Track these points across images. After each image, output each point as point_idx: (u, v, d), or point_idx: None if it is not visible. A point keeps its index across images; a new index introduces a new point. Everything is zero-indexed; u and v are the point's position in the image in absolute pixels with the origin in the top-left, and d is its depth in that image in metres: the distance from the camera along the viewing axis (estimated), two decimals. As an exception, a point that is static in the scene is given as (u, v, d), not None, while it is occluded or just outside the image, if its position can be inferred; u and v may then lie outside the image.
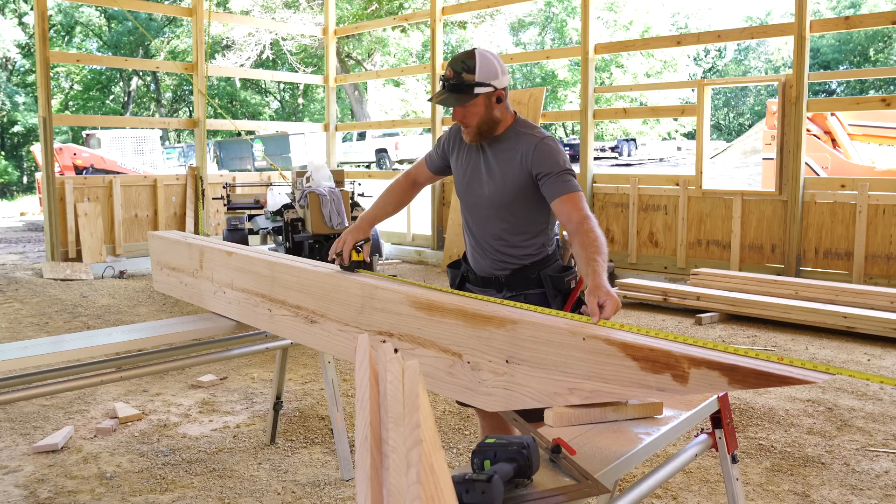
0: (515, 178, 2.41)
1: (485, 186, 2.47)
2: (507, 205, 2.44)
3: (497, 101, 2.38)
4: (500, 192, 2.44)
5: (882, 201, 6.73)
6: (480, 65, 2.33)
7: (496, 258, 2.50)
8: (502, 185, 2.43)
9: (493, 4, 11.25)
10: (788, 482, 3.18)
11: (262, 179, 11.67)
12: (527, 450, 1.44)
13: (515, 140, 2.42)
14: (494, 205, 2.46)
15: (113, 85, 36.57)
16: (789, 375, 1.40)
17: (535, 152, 2.37)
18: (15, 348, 2.77)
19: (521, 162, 2.39)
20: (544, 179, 2.35)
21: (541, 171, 2.36)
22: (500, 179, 2.43)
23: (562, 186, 2.33)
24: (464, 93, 2.34)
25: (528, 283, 2.47)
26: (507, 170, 2.42)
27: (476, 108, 2.36)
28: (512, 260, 2.48)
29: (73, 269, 8.92)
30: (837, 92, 34.13)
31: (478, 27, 26.33)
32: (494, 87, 2.35)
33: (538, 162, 2.36)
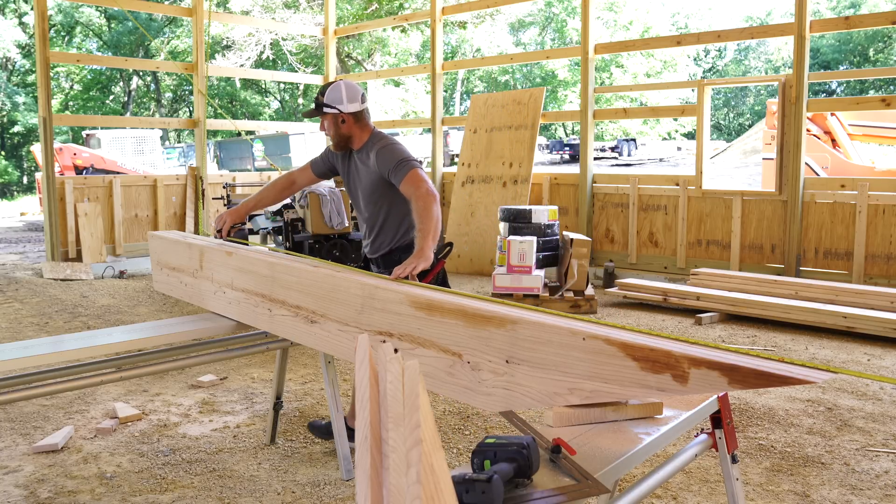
0: (372, 180, 3.15)
1: (358, 187, 3.26)
2: (372, 201, 3.20)
3: (342, 122, 3.15)
4: (365, 191, 3.21)
5: (882, 201, 6.73)
6: (330, 92, 3.15)
7: (373, 243, 3.28)
8: (365, 186, 3.20)
9: (493, 4, 11.25)
10: (788, 482, 3.19)
11: (262, 179, 11.67)
12: (527, 450, 1.44)
13: (367, 151, 3.16)
14: (365, 200, 3.24)
15: (113, 85, 36.59)
16: (789, 375, 1.40)
17: (378, 157, 3.08)
18: (15, 348, 2.77)
19: (373, 167, 3.12)
20: (390, 175, 3.04)
21: (386, 169, 3.05)
22: (363, 182, 3.21)
23: (399, 173, 3.00)
24: (317, 109, 3.19)
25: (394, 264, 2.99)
26: (365, 174, 3.18)
27: (326, 123, 3.18)
28: (383, 245, 3.25)
29: (73, 269, 8.92)
30: (837, 92, 34.13)
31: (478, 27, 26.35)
32: (339, 111, 3.13)
33: (382, 163, 3.06)
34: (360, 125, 3.17)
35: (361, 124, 3.17)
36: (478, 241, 9.08)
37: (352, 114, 3.14)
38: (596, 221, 8.68)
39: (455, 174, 9.73)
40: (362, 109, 3.17)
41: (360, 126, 3.17)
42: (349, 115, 3.14)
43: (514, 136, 9.15)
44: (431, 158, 10.33)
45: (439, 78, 10.35)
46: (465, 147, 9.63)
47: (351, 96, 3.13)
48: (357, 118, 3.15)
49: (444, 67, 10.64)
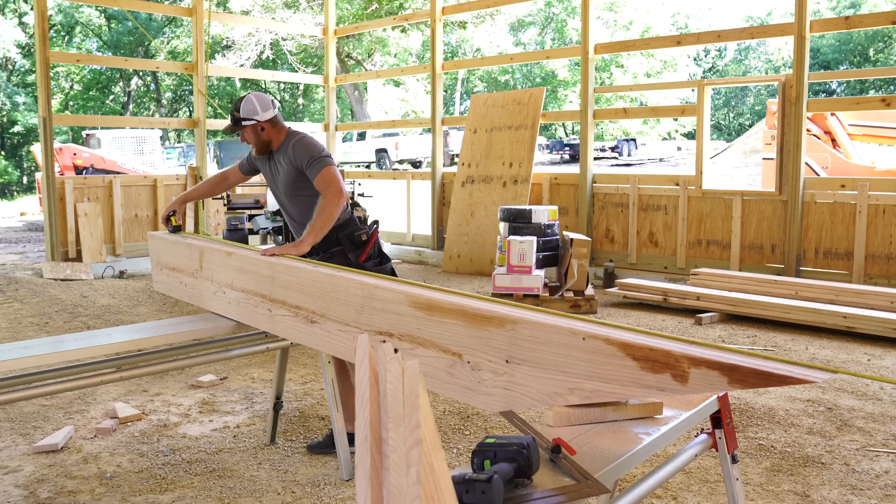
0: (292, 176, 3.37)
1: (279, 185, 3.47)
2: (295, 195, 3.42)
3: (261, 130, 3.40)
4: (285, 187, 3.43)
5: (882, 201, 6.73)
6: (244, 106, 3.37)
7: (302, 231, 3.35)
8: (284, 182, 3.42)
9: (493, 4, 11.25)
10: (788, 482, 3.19)
11: (262, 179, 11.66)
12: (527, 450, 1.44)
13: (285, 150, 3.39)
14: (286, 196, 3.46)
15: (113, 85, 36.59)
16: (789, 375, 1.40)
17: (294, 151, 3.33)
18: (15, 348, 2.77)
19: (290, 163, 3.35)
20: (305, 168, 3.29)
21: (301, 162, 3.30)
22: (283, 179, 3.42)
23: (314, 168, 3.27)
24: (236, 125, 3.42)
25: (331, 244, 3.32)
26: (285, 171, 3.39)
27: (247, 134, 3.42)
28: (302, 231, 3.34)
29: (73, 269, 8.92)
30: (837, 92, 34.13)
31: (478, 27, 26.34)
32: (257, 121, 3.38)
33: (298, 157, 3.31)
34: (277, 128, 3.43)
35: (278, 127, 3.44)
36: (478, 241, 9.08)
37: (268, 121, 3.41)
38: (596, 221, 8.68)
39: (455, 174, 9.73)
40: (275, 114, 3.46)
41: (276, 129, 3.43)
42: (266, 123, 3.41)
43: (514, 136, 9.15)
44: (431, 158, 10.33)
45: (439, 78, 10.35)
46: (465, 147, 9.63)
47: (263, 105, 3.40)
48: (273, 123, 3.42)
49: (444, 67, 10.64)
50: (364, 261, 3.36)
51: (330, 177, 3.24)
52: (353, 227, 3.42)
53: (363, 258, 3.37)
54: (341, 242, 3.35)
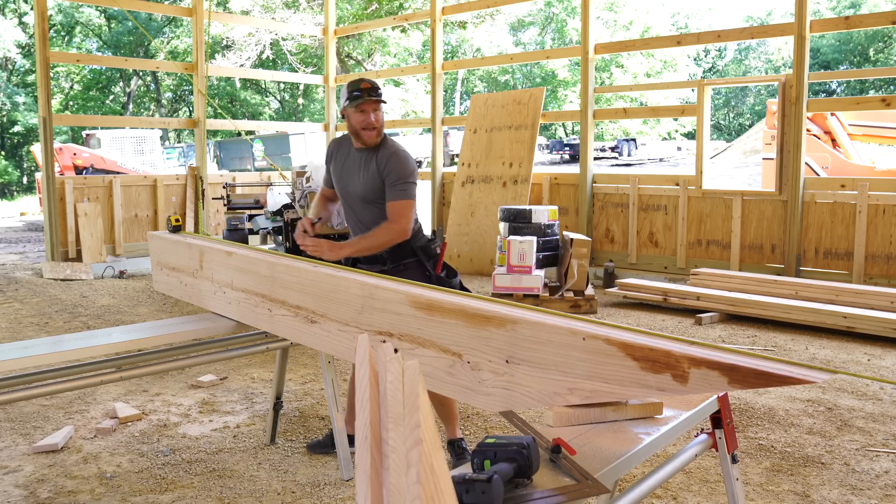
0: (374, 183, 3.16)
1: (358, 182, 3.21)
2: (369, 201, 3.20)
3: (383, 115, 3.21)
4: (364, 189, 3.19)
5: (882, 201, 6.73)
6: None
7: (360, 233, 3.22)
8: (366, 185, 3.18)
9: (493, 4, 11.25)
10: (788, 482, 3.19)
11: (262, 179, 11.67)
12: (527, 450, 1.44)
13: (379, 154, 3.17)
14: (361, 197, 3.22)
15: (113, 85, 36.59)
16: (789, 375, 1.40)
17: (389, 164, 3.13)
18: (15, 348, 2.77)
19: (379, 171, 3.14)
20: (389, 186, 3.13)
21: (389, 179, 3.13)
22: (365, 180, 3.18)
23: (395, 192, 3.13)
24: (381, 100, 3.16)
25: (405, 255, 3.19)
26: (370, 175, 3.17)
27: (376, 110, 3.15)
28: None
29: (73, 269, 8.92)
30: (837, 92, 34.13)
31: (478, 27, 26.35)
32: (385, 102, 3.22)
33: (389, 171, 3.13)
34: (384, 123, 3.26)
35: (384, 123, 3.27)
36: (478, 241, 9.08)
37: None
38: (596, 221, 8.68)
39: (455, 174, 9.73)
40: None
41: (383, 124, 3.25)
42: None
43: (514, 136, 9.15)
44: (431, 158, 10.33)
45: (439, 78, 10.35)
46: (465, 147, 9.63)
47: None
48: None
49: (444, 67, 10.64)
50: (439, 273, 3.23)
51: (404, 211, 3.10)
52: (424, 238, 3.28)
53: (439, 269, 3.22)
54: (416, 254, 3.21)
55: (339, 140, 3.36)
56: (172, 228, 3.62)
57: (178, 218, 3.66)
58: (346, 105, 3.15)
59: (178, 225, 3.64)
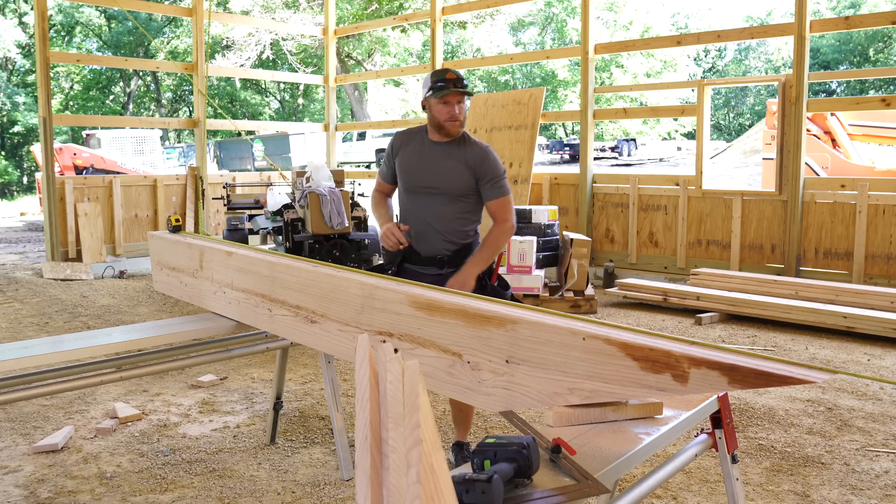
0: (463, 178, 2.99)
1: (436, 177, 3.01)
2: (452, 197, 3.02)
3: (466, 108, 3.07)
4: (447, 184, 3.00)
5: (882, 201, 6.73)
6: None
7: (446, 238, 3.03)
8: (450, 180, 3.00)
9: (493, 4, 11.25)
10: (788, 482, 3.18)
11: (262, 179, 11.67)
12: (527, 450, 1.44)
13: (466, 147, 3.01)
14: (441, 194, 3.01)
15: (113, 85, 36.59)
16: (789, 375, 1.40)
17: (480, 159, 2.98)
18: (15, 348, 2.77)
19: (468, 165, 2.98)
20: (485, 183, 2.99)
21: (484, 175, 2.99)
22: (450, 176, 3.00)
23: (495, 190, 2.99)
24: (467, 90, 2.97)
25: (464, 261, 3.00)
26: (458, 170, 3.00)
27: (459, 103, 2.98)
28: (458, 240, 3.05)
29: (73, 269, 8.92)
30: (837, 92, 34.13)
31: (478, 27, 26.33)
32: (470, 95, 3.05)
33: (482, 168, 2.99)
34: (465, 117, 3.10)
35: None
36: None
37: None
38: (596, 221, 8.68)
39: (455, 174, 9.72)
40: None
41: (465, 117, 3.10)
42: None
43: (514, 136, 9.15)
44: (431, 158, 10.32)
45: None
46: (465, 147, 9.63)
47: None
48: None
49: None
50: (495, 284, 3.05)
51: (510, 206, 2.98)
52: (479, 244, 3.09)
53: (494, 279, 3.06)
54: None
55: (408, 133, 3.16)
56: (172, 228, 3.62)
57: (178, 218, 3.65)
58: (429, 95, 2.97)
59: (178, 225, 3.63)
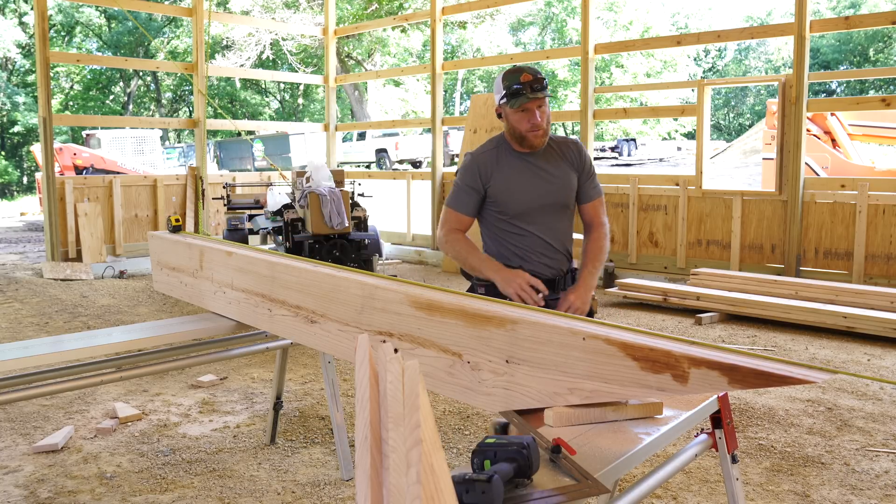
0: (571, 183, 2.64)
1: (536, 191, 2.60)
2: (564, 207, 2.66)
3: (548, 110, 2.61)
4: (557, 194, 2.63)
5: (882, 201, 6.73)
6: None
7: (566, 256, 2.68)
8: (557, 189, 2.62)
9: (493, 4, 11.25)
10: (788, 482, 3.18)
11: (262, 179, 11.67)
12: (527, 450, 1.44)
13: (563, 150, 2.65)
14: (548, 208, 2.62)
15: (113, 85, 36.59)
16: (789, 375, 1.40)
17: (584, 157, 2.65)
18: (15, 348, 2.77)
19: (573, 166, 2.64)
20: (584, 184, 2.66)
21: (584, 175, 2.65)
22: (558, 184, 2.62)
23: (594, 190, 2.67)
24: (547, 92, 2.53)
25: (567, 283, 2.67)
26: (564, 176, 2.63)
27: (540, 107, 2.54)
28: (570, 256, 2.69)
29: (73, 269, 8.92)
30: (837, 92, 34.12)
31: (478, 27, 26.33)
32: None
33: (585, 166, 2.65)
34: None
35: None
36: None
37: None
38: (596, 221, 8.67)
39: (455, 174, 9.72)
40: None
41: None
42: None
43: (514, 136, 9.14)
44: (431, 158, 10.33)
45: (439, 78, 10.35)
46: (465, 147, 9.63)
47: None
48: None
49: (444, 67, 10.64)
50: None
51: (603, 207, 2.67)
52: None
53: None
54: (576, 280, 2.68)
55: (488, 154, 2.66)
56: (172, 228, 3.61)
57: (178, 218, 3.64)
58: (503, 104, 2.56)
59: (178, 225, 3.62)
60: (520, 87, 2.50)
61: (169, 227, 3.63)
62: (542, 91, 2.50)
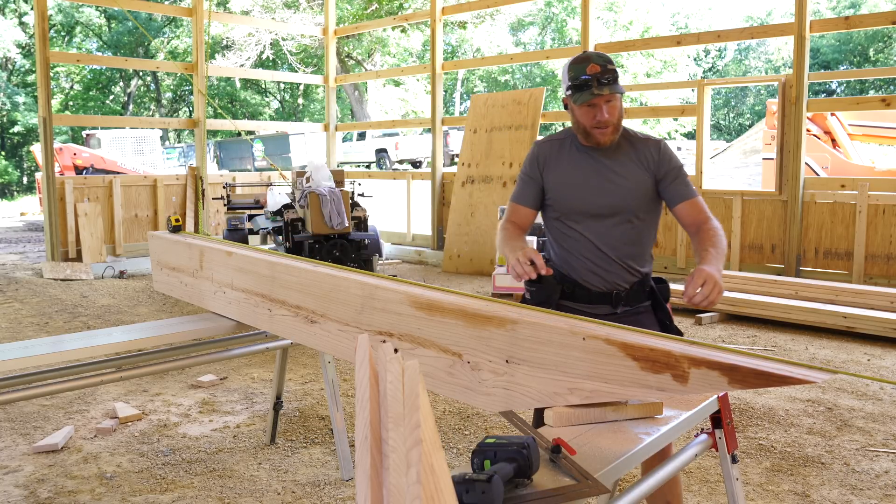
0: (645, 185, 2.33)
1: (601, 192, 2.33)
2: (638, 211, 2.35)
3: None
4: (625, 197, 2.33)
5: (882, 201, 6.73)
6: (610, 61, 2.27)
7: (625, 269, 2.35)
8: (627, 192, 2.33)
9: (493, 4, 11.26)
10: (788, 482, 3.18)
11: (262, 179, 11.67)
12: (527, 450, 1.44)
13: (635, 146, 2.36)
14: (615, 210, 2.33)
15: (113, 85, 36.58)
16: (789, 375, 1.40)
17: (660, 156, 2.34)
18: (15, 348, 2.77)
19: (647, 167, 2.34)
20: (668, 183, 2.33)
21: (664, 173, 2.33)
22: (622, 186, 2.32)
23: (683, 188, 2.32)
24: (617, 84, 2.26)
25: (642, 296, 2.39)
26: (636, 177, 2.33)
27: (618, 101, 2.28)
28: (637, 268, 2.38)
29: (73, 269, 8.92)
30: (837, 92, 34.12)
31: (478, 27, 26.34)
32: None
33: (662, 164, 2.33)
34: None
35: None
36: (478, 241, 9.08)
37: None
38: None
39: (455, 174, 9.73)
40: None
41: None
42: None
43: (514, 136, 9.15)
44: (431, 158, 10.33)
45: (439, 78, 10.35)
46: (465, 147, 9.63)
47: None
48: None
49: (444, 67, 10.64)
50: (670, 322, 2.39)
51: (704, 206, 2.33)
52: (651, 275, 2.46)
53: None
54: (654, 296, 2.42)
55: (552, 142, 2.45)
56: (172, 228, 3.61)
57: (178, 218, 3.64)
58: (568, 95, 2.31)
59: (178, 225, 3.61)
60: (587, 80, 2.24)
61: (169, 227, 3.63)
62: (612, 85, 2.24)
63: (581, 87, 2.24)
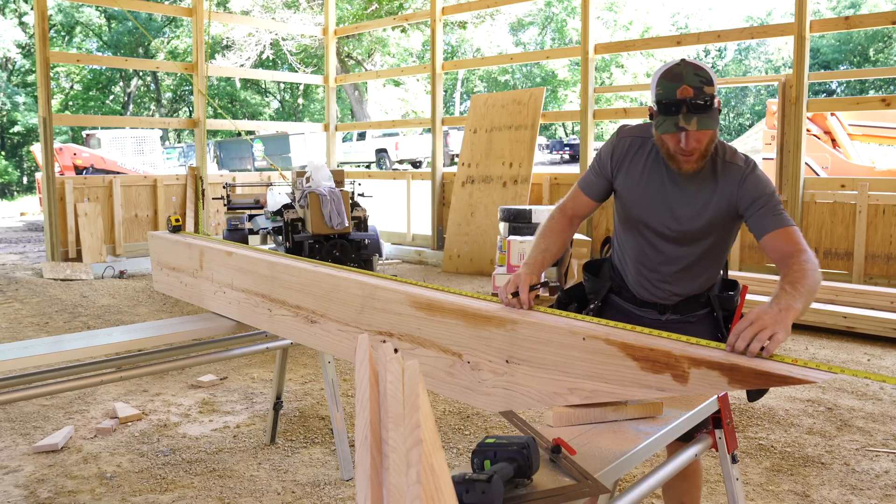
0: (718, 210, 2.11)
1: (674, 218, 2.13)
2: (700, 234, 2.15)
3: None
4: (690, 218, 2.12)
5: (882, 201, 6.73)
6: (711, 74, 1.95)
7: (676, 288, 2.22)
8: (693, 213, 2.11)
9: (493, 4, 11.25)
10: (788, 482, 3.18)
11: (262, 179, 11.68)
12: (527, 450, 1.44)
13: (720, 170, 2.09)
14: (680, 233, 2.14)
15: (113, 85, 36.59)
16: (789, 375, 1.40)
17: (745, 184, 2.07)
18: (15, 348, 2.77)
19: (727, 193, 2.09)
20: (752, 210, 2.09)
21: (748, 200, 2.07)
22: (692, 207, 2.11)
23: (770, 218, 2.06)
24: (712, 109, 1.93)
25: (697, 306, 2.25)
26: (710, 202, 2.10)
27: (714, 126, 1.95)
28: (692, 289, 2.23)
29: (73, 269, 8.92)
30: (837, 92, 34.12)
31: (478, 27, 26.35)
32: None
33: (746, 192, 2.07)
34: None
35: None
36: (478, 241, 9.08)
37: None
38: (596, 221, 8.68)
39: (455, 174, 9.73)
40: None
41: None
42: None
43: (514, 136, 9.15)
44: (431, 158, 10.33)
45: (439, 78, 10.35)
46: (465, 147, 9.63)
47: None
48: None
49: (444, 67, 10.64)
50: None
51: (800, 237, 2.02)
52: (720, 283, 2.34)
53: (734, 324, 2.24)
54: (711, 305, 2.28)
55: (636, 138, 2.20)
56: (172, 228, 3.61)
57: (178, 218, 3.64)
58: (655, 111, 2.00)
59: (178, 225, 3.61)
60: (675, 105, 1.92)
61: (169, 227, 3.63)
62: (703, 117, 1.91)
63: (667, 110, 1.93)
